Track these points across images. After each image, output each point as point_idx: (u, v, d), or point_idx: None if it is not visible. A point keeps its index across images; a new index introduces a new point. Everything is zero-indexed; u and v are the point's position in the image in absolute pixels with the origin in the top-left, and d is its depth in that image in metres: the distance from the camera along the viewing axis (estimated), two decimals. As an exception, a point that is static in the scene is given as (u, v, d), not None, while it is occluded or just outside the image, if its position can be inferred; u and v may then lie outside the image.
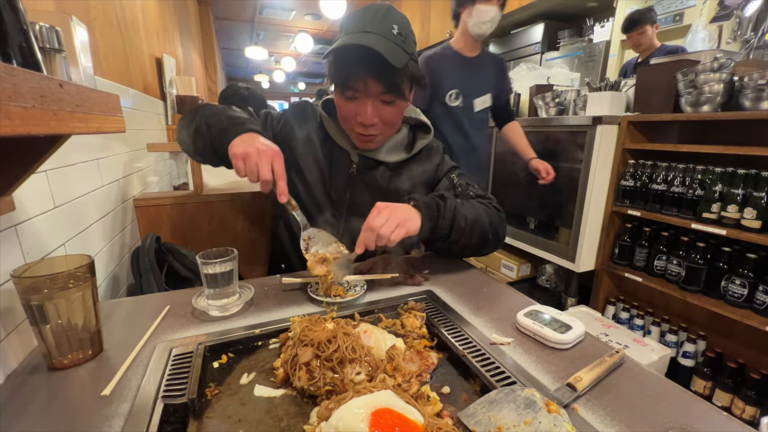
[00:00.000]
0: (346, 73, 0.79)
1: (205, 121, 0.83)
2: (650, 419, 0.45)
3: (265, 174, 0.69)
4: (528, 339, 0.61)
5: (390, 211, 0.72)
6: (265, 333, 0.62)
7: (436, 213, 0.78)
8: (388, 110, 0.83)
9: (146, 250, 1.01)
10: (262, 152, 0.70)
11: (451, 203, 0.81)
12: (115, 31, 1.40)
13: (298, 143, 0.94)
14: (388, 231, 0.70)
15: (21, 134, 0.31)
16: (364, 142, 0.88)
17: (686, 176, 1.58)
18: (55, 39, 0.47)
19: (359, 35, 0.74)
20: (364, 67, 0.77)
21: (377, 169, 0.94)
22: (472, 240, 0.84)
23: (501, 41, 3.95)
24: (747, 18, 1.98)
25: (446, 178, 0.97)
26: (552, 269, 2.28)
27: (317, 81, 12.52)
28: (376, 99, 0.81)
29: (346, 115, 0.85)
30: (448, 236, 0.80)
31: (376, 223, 0.70)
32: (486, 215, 0.86)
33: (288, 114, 0.97)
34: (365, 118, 0.81)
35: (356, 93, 0.80)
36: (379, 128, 0.85)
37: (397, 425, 0.38)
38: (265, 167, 0.69)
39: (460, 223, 0.80)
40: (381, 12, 0.77)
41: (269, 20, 6.17)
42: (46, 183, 0.73)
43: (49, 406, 0.46)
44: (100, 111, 0.46)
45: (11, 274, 0.49)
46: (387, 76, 0.77)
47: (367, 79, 0.78)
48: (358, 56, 0.75)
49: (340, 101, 0.84)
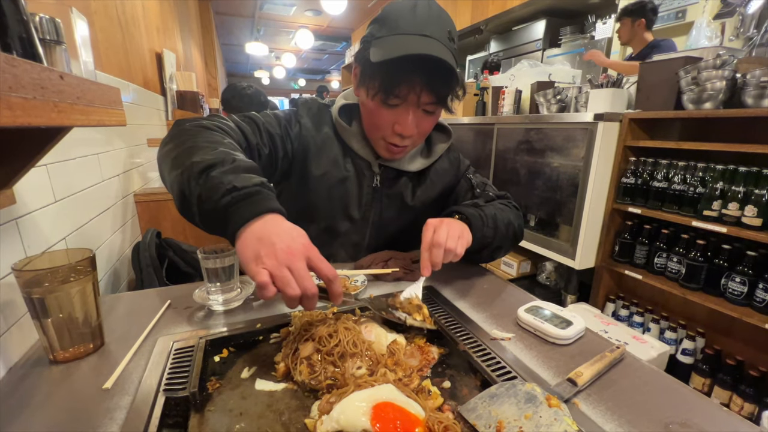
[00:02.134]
0: (398, 80, 0.70)
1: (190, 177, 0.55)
2: (651, 414, 0.45)
3: (310, 287, 0.47)
4: (528, 334, 0.61)
5: (447, 226, 0.68)
6: (266, 327, 0.62)
7: (481, 223, 0.76)
8: (428, 120, 0.77)
9: (147, 245, 1.01)
10: (291, 253, 0.47)
11: (489, 210, 0.79)
12: (115, 26, 1.39)
13: (315, 155, 0.83)
14: (454, 244, 0.66)
15: (22, 125, 0.31)
16: (393, 153, 0.81)
17: (687, 174, 1.58)
18: (55, 31, 0.47)
19: (417, 39, 0.67)
20: (421, 77, 0.69)
21: (400, 179, 0.88)
22: (506, 243, 0.83)
23: (502, 38, 3.94)
24: (750, 15, 1.97)
25: (464, 178, 0.94)
26: (552, 266, 2.28)
27: (318, 77, 12.48)
28: (419, 108, 0.74)
29: (381, 123, 0.76)
30: (491, 243, 0.79)
31: (440, 239, 0.65)
32: (513, 216, 0.85)
33: (303, 120, 0.84)
34: (405, 128, 0.74)
35: (401, 101, 0.72)
36: (414, 139, 0.79)
37: (398, 419, 0.38)
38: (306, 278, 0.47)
39: (501, 229, 0.79)
40: (434, 12, 0.70)
41: (270, 16, 6.15)
42: (47, 177, 0.73)
43: (51, 399, 0.46)
44: (101, 104, 0.46)
45: (12, 267, 0.49)
46: (443, 87, 0.71)
47: (421, 89, 0.70)
48: (417, 64, 0.67)
49: (377, 108, 0.75)
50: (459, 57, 0.74)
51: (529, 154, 2.12)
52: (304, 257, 0.48)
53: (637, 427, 0.43)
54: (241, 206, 0.51)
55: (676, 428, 0.43)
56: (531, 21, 3.52)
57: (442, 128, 0.92)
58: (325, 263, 0.50)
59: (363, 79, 0.75)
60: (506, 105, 2.47)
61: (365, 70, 0.74)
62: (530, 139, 2.09)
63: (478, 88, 2.67)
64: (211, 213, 0.52)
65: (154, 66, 2.03)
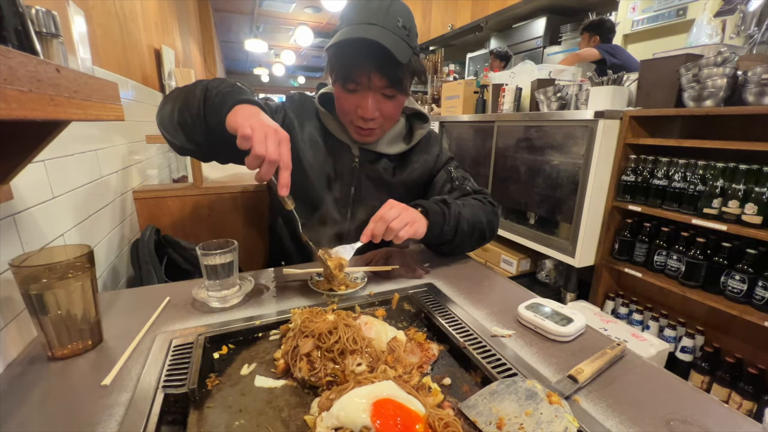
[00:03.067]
0: (349, 65, 0.77)
1: (199, 89, 0.72)
2: (652, 411, 0.45)
3: (274, 153, 0.58)
4: (529, 331, 0.61)
5: (402, 209, 0.74)
6: (265, 324, 0.61)
7: (442, 220, 0.80)
8: (389, 104, 0.83)
9: (146, 242, 1.00)
10: (270, 128, 0.60)
11: (455, 209, 0.83)
12: (113, 21, 1.38)
13: (298, 139, 0.91)
14: (399, 225, 0.71)
15: (17, 118, 0.30)
16: (363, 135, 0.88)
17: (687, 171, 1.57)
18: (52, 23, 0.46)
19: (364, 27, 0.73)
20: (368, 61, 0.75)
21: (379, 161, 0.94)
22: (471, 241, 0.88)
23: (502, 35, 3.92)
24: (750, 13, 1.96)
25: (444, 170, 0.98)
26: (551, 264, 2.28)
27: (317, 75, 12.45)
28: (377, 92, 0.80)
29: (346, 108, 0.84)
30: (452, 241, 0.83)
31: (388, 216, 0.71)
32: (483, 213, 0.89)
33: (287, 107, 0.94)
34: (366, 111, 0.81)
35: (358, 86, 0.79)
36: (379, 122, 0.85)
37: (398, 415, 0.38)
38: (273, 145, 0.58)
39: (463, 227, 0.83)
40: (385, 4, 0.76)
41: (269, 12, 6.13)
42: (45, 173, 0.72)
43: (49, 395, 0.46)
44: (99, 98, 0.46)
45: (10, 263, 0.48)
46: (391, 70, 0.76)
47: (370, 73, 0.77)
48: (362, 50, 0.73)
49: (340, 93, 0.83)
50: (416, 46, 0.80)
51: (529, 152, 2.11)
52: (278, 139, 0.60)
53: (638, 424, 0.43)
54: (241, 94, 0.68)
55: (677, 425, 0.43)
56: (531, 18, 3.51)
57: (420, 115, 0.98)
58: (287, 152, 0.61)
59: (328, 67, 0.83)
60: (506, 102, 2.46)
61: (329, 59, 0.82)
62: (530, 137, 2.09)
63: (478, 86, 2.67)
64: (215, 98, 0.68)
65: (152, 62, 2.02)
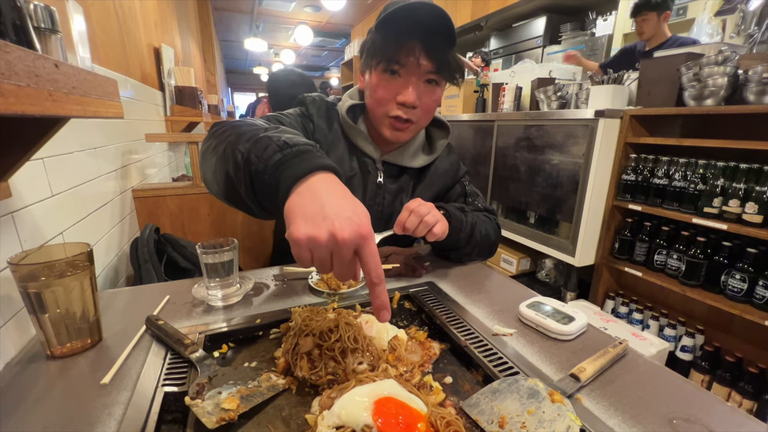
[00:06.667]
0: (395, 42, 0.74)
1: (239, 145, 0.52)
2: (654, 409, 0.45)
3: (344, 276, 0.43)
4: (530, 330, 0.61)
5: (430, 207, 0.73)
6: (265, 323, 0.61)
7: (460, 225, 0.80)
8: (430, 95, 0.80)
9: (145, 240, 1.00)
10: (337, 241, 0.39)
11: (471, 218, 0.83)
12: (112, 18, 1.38)
13: (324, 149, 0.84)
14: (433, 221, 0.70)
15: (15, 113, 0.30)
16: (398, 130, 0.82)
17: (688, 171, 1.57)
18: (50, 19, 0.46)
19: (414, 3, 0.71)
20: (419, 39, 0.73)
21: (402, 176, 0.92)
22: (477, 252, 0.88)
23: (502, 35, 3.92)
24: (751, 12, 1.96)
25: (459, 183, 0.98)
26: (552, 264, 2.28)
27: (317, 74, 12.43)
28: (421, 79, 0.77)
29: (385, 96, 0.78)
30: (464, 247, 0.84)
31: (420, 210, 0.70)
32: (492, 230, 0.91)
33: (315, 120, 0.87)
34: (408, 96, 0.76)
35: (402, 68, 0.76)
36: (417, 115, 0.81)
37: (400, 414, 0.38)
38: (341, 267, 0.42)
39: (476, 238, 0.84)
40: None
41: (269, 11, 6.11)
42: (43, 171, 0.72)
43: (48, 394, 0.46)
44: (98, 95, 0.45)
45: (8, 261, 0.48)
46: (439, 52, 0.74)
47: (419, 52, 0.74)
48: (415, 29, 0.71)
49: (380, 79, 0.78)
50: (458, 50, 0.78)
51: (530, 151, 2.11)
52: (354, 247, 0.40)
53: (641, 423, 0.43)
54: (294, 162, 0.46)
55: (680, 423, 0.43)
56: (531, 17, 3.51)
57: (441, 124, 0.96)
58: (375, 262, 0.41)
59: (366, 59, 0.80)
60: (506, 102, 2.46)
61: (369, 48, 0.79)
62: (530, 136, 2.09)
63: (478, 85, 2.66)
64: (261, 175, 0.47)
65: (152, 61, 2.01)
